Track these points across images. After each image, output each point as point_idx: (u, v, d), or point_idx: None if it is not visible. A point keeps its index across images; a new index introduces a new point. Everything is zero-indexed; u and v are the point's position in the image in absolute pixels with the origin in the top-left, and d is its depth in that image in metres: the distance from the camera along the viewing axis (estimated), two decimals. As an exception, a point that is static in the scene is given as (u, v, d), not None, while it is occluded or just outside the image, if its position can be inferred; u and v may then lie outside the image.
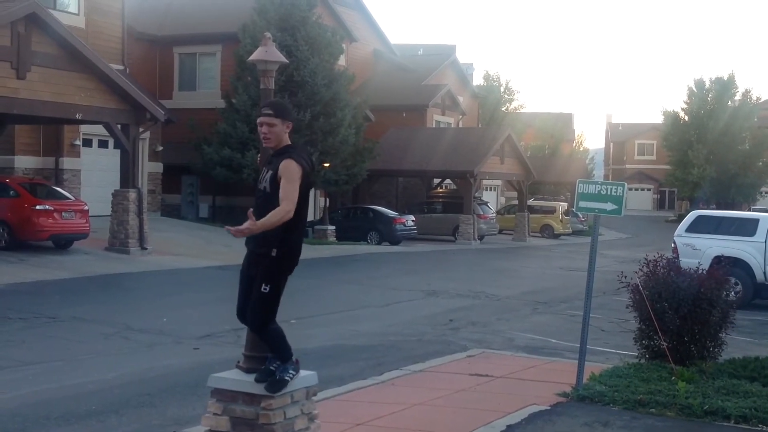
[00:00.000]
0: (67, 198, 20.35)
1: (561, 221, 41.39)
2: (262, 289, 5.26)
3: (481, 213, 35.60)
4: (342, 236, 30.09)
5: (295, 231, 5.29)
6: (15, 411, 7.17)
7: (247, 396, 5.55)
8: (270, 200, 5.20)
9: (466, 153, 34.45)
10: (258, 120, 5.31)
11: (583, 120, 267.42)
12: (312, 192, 34.24)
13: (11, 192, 19.24)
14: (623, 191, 8.18)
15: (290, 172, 5.18)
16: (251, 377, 5.59)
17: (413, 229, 32.10)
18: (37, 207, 18.77)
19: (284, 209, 5.09)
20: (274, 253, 5.21)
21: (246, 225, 5.07)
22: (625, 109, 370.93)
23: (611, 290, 15.25)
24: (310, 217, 33.54)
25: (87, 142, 25.81)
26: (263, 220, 5.08)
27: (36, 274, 16.49)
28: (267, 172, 5.29)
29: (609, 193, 8.21)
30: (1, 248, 18.14)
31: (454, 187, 38.38)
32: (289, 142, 5.40)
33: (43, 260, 18.15)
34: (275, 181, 5.18)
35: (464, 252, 29.87)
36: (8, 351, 9.69)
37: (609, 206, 8.20)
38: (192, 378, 8.50)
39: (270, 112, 5.31)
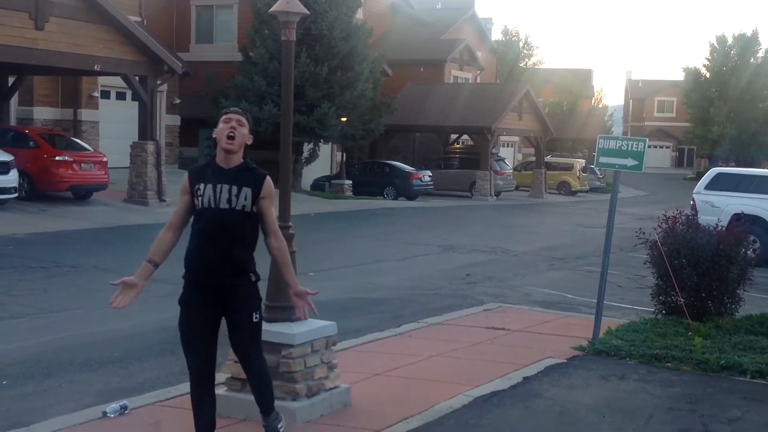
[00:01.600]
0: (86, 149, 20.44)
1: (578, 178, 41.19)
2: (254, 319, 4.66)
3: (498, 169, 35.45)
4: (359, 191, 30.11)
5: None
6: (39, 356, 7.30)
7: (268, 344, 5.61)
8: (246, 222, 4.53)
9: (484, 109, 34.21)
10: (226, 116, 4.64)
11: (602, 77, 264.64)
12: (329, 146, 34.11)
13: (31, 143, 19.35)
14: (644, 147, 8.12)
15: (273, 193, 4.66)
16: (272, 326, 5.66)
17: (430, 185, 32.06)
18: (57, 158, 18.88)
19: (285, 244, 4.69)
20: (254, 278, 4.65)
21: (304, 291, 4.75)
22: (645, 66, 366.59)
23: (628, 247, 15.23)
24: (326, 172, 33.62)
25: (105, 94, 25.84)
26: (290, 270, 4.75)
27: (56, 224, 16.65)
28: (240, 188, 4.49)
29: (630, 148, 8.15)
30: (22, 198, 18.28)
31: (471, 142, 38.22)
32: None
33: (63, 211, 18.31)
34: (256, 202, 4.54)
35: (481, 208, 29.84)
36: (30, 299, 9.83)
37: (630, 162, 8.15)
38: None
39: (240, 113, 4.67)
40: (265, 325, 5.67)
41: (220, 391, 5.82)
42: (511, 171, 38.77)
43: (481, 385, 6.56)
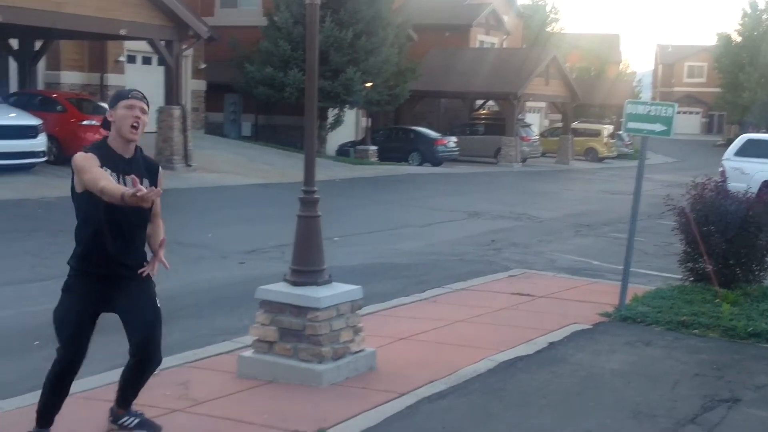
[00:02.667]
0: (113, 114, 20.51)
1: (605, 144, 40.81)
2: (159, 304, 4.42)
3: (524, 135, 35.22)
4: (383, 157, 30.07)
5: None
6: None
7: (294, 308, 5.67)
8: (143, 215, 4.24)
9: (510, 74, 33.90)
10: (128, 102, 4.22)
11: (630, 42, 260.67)
12: (354, 111, 34.03)
13: (59, 107, 19.47)
14: (673, 112, 8.01)
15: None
16: (298, 290, 5.70)
17: (455, 151, 31.93)
18: (84, 122, 18.98)
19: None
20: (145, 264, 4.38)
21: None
22: (674, 31, 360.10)
23: (656, 214, 15.10)
24: (351, 137, 33.57)
25: (131, 59, 25.89)
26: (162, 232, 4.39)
27: (84, 188, 16.76)
28: (141, 181, 4.13)
29: (658, 114, 8.05)
30: (50, 162, 18.43)
31: (497, 108, 37.94)
32: None
33: (91, 175, 18.44)
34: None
35: (506, 174, 29.71)
36: (61, 261, 9.93)
37: (658, 127, 8.04)
38: (238, 291, 8.67)
39: (143, 98, 4.31)
40: (290, 289, 5.74)
41: (247, 353, 5.89)
42: (537, 137, 38.50)
43: (505, 350, 6.57)
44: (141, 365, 4.33)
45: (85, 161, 4.10)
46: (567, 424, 5.07)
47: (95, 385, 5.47)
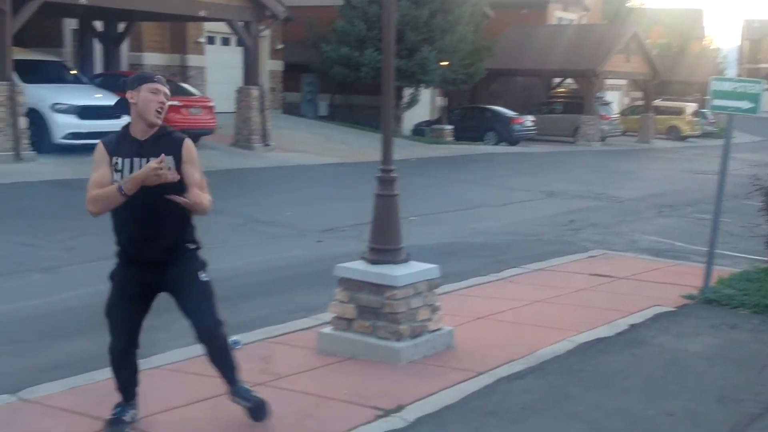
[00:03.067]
0: (194, 94, 20.94)
1: (688, 123, 39.67)
2: (203, 278, 4.28)
3: (604, 113, 34.53)
4: (459, 136, 29.90)
5: None
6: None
7: (373, 286, 5.72)
8: (174, 190, 4.02)
9: (589, 51, 33.20)
10: (153, 85, 4.10)
11: (714, 17, 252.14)
12: (430, 90, 33.83)
13: (141, 88, 19.94)
14: (760, 89, 7.76)
15: (196, 156, 4.18)
16: (376, 268, 5.74)
17: (532, 130, 31.53)
18: (168, 103, 19.40)
19: (209, 200, 4.13)
20: (194, 246, 4.33)
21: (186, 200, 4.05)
22: (761, 5, 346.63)
23: (742, 194, 14.61)
24: (427, 117, 33.44)
25: (210, 40, 26.33)
26: (200, 196, 4.05)
27: (166, 167, 17.17)
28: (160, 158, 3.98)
29: (744, 91, 7.79)
30: (134, 143, 18.93)
31: (575, 86, 37.26)
32: None
33: (172, 155, 18.88)
34: (179, 169, 4.06)
35: (585, 153, 29.21)
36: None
37: (744, 105, 7.79)
38: (317, 269, 8.78)
39: (166, 83, 4.19)
40: (369, 267, 5.78)
41: (326, 330, 5.98)
42: (617, 115, 37.68)
43: (585, 332, 6.49)
44: (207, 350, 4.34)
45: (95, 160, 4.12)
46: (649, 406, 4.99)
47: (180, 358, 5.62)
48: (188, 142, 4.20)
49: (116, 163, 4.07)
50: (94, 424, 4.40)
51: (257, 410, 4.44)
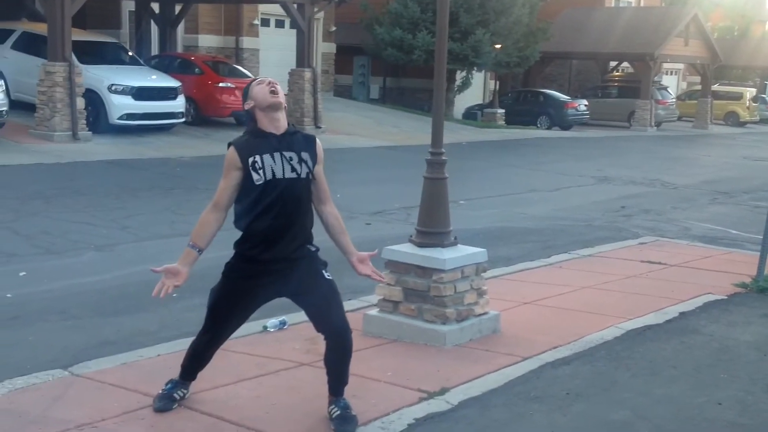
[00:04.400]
0: (247, 76, 21.08)
1: (748, 108, 38.74)
2: (328, 276, 4.26)
3: (660, 98, 33.90)
4: (511, 120, 29.65)
5: None
6: (204, 272, 7.72)
7: (419, 269, 5.73)
8: (308, 190, 4.16)
9: (646, 34, 32.57)
10: (259, 80, 4.19)
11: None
12: (482, 74, 33.53)
13: (196, 69, 20.20)
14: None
15: (323, 158, 4.25)
16: (423, 251, 5.75)
17: (585, 114, 31.12)
18: (220, 84, 19.64)
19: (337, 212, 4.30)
20: (315, 248, 4.29)
21: (365, 255, 4.38)
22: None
23: (801, 182, 14.32)
24: (479, 100, 33.21)
25: (265, 22, 26.48)
26: (348, 237, 4.34)
27: (220, 148, 17.29)
28: (299, 154, 4.10)
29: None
30: (188, 123, 19.20)
31: (631, 70, 36.62)
32: None
33: (226, 135, 18.97)
34: (313, 167, 4.17)
35: (639, 138, 28.76)
36: (197, 218, 10.38)
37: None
38: (364, 250, 8.77)
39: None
40: (416, 250, 5.79)
41: (372, 312, 6.01)
42: (674, 100, 36.96)
43: (634, 318, 6.42)
44: (334, 351, 4.23)
45: (225, 166, 4.10)
46: (697, 394, 4.93)
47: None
48: (320, 142, 4.29)
49: (254, 162, 4.01)
50: (143, 399, 4.50)
51: (347, 421, 4.24)
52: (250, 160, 4.02)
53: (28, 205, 10.57)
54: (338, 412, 4.26)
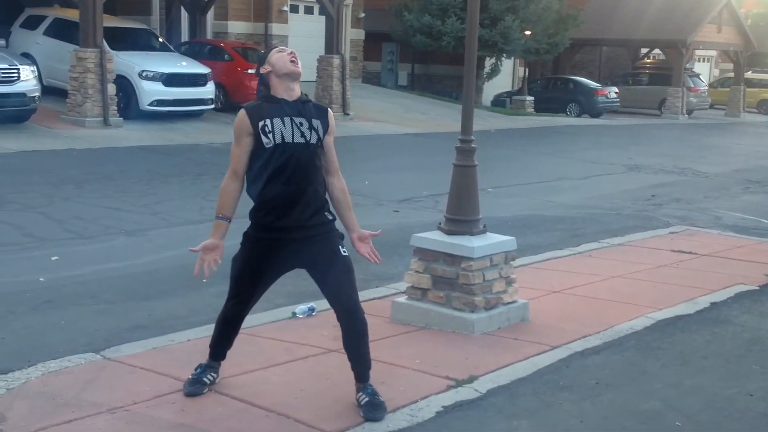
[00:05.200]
0: (275, 63, 21.14)
1: (782, 96, 38.15)
2: (344, 253, 4.21)
3: (692, 85, 33.48)
4: (540, 107, 29.46)
5: None
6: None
7: (448, 256, 5.72)
8: (319, 158, 4.16)
9: (678, 20, 32.15)
10: (279, 49, 4.25)
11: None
12: (511, 60, 33.35)
13: (226, 56, 20.27)
14: None
15: (335, 130, 4.29)
16: (452, 239, 5.74)
17: (616, 102, 30.85)
18: (249, 71, 19.65)
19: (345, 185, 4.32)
20: (332, 217, 4.29)
21: (367, 234, 4.39)
22: None
23: (836, 171, 14.09)
24: (507, 87, 33.03)
25: (294, 8, 26.48)
26: (353, 213, 4.37)
27: (248, 135, 17.44)
28: (310, 121, 4.11)
29: None
30: (218, 110, 19.28)
31: (662, 57, 36.19)
32: None
33: (254, 123, 19.16)
34: (324, 137, 4.17)
35: (670, 126, 28.44)
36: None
37: None
38: (392, 238, 8.79)
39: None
40: (444, 238, 5.78)
41: (400, 299, 6.02)
42: (706, 88, 36.48)
43: (664, 308, 6.37)
44: (347, 332, 4.23)
45: (235, 132, 4.16)
46: (728, 385, 4.88)
47: (255, 323, 5.75)
48: (332, 113, 4.28)
49: (264, 126, 4.05)
50: (174, 383, 4.55)
51: (375, 408, 4.22)
52: (260, 123, 4.06)
53: (61, 190, 10.69)
54: (366, 399, 4.27)
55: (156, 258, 7.73)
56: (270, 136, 4.04)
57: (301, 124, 4.08)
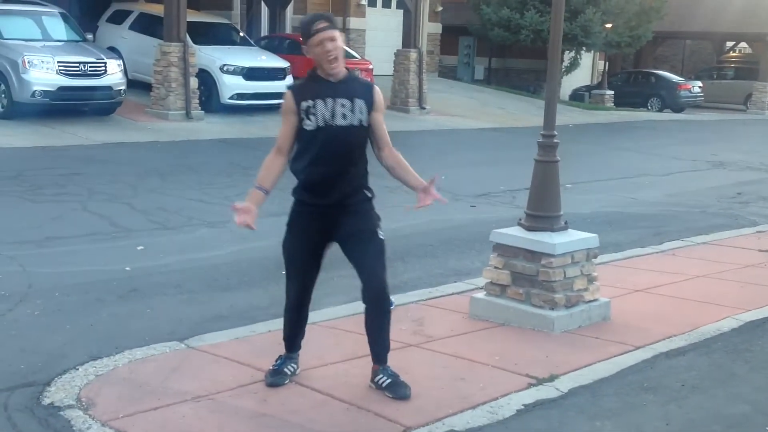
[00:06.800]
0: (353, 57, 21.22)
1: None
2: (381, 236, 4.30)
3: (780, 80, 32.34)
4: (620, 102, 28.90)
5: None
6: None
7: (528, 253, 5.66)
8: (362, 138, 4.21)
9: (765, 12, 31.11)
10: (318, 38, 4.08)
11: None
12: (591, 54, 32.83)
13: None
14: None
15: (384, 106, 4.29)
16: (532, 235, 5.67)
17: (699, 96, 30.05)
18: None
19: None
20: (371, 194, 4.35)
21: (428, 183, 4.29)
22: None
23: None
24: (586, 81, 32.46)
25: (372, 3, 26.58)
26: (413, 172, 4.33)
27: (325, 129, 17.58)
28: (353, 101, 4.12)
29: None
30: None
31: (749, 50, 35.05)
32: None
33: (331, 116, 19.30)
34: (369, 115, 4.18)
35: (757, 122, 27.54)
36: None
37: None
38: (470, 233, 8.79)
39: (326, 24, 4.10)
40: (525, 234, 5.72)
41: (479, 295, 5.98)
42: (795, 82, 35.20)
43: (752, 310, 6.17)
44: (373, 312, 4.30)
45: (282, 112, 4.22)
46: (821, 393, 4.70)
47: (335, 315, 5.79)
48: (378, 89, 4.26)
49: (308, 106, 4.10)
50: (255, 373, 4.62)
51: (401, 386, 4.33)
52: (304, 104, 4.11)
53: (145, 181, 10.96)
54: (389, 380, 4.33)
55: (237, 249, 7.85)
56: (312, 118, 4.09)
57: (344, 105, 4.11)
